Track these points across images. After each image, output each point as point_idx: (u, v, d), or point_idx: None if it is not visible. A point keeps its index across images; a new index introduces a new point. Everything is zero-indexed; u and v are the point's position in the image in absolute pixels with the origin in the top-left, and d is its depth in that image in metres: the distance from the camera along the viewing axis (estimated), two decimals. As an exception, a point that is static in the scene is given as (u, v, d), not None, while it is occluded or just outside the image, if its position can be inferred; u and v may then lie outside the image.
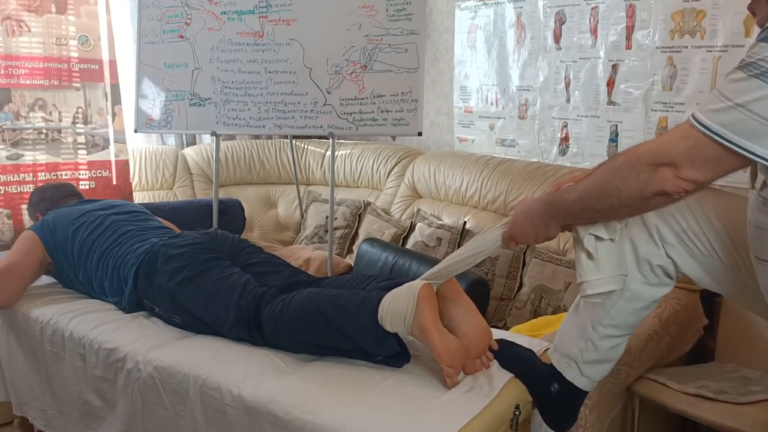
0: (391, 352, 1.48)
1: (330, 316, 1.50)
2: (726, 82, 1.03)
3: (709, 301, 2.26)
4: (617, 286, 1.32)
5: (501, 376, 1.46)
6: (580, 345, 1.41)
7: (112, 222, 2.07)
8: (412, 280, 1.51)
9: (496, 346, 1.50)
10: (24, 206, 2.82)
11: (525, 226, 1.36)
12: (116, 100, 3.12)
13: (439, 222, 2.98)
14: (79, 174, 3.03)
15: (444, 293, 1.49)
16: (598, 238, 1.30)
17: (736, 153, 1.02)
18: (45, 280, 2.18)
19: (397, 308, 1.43)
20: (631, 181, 1.15)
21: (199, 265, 1.75)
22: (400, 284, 1.51)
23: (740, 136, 1.01)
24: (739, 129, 1.01)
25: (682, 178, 1.09)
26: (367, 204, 3.36)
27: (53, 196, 2.31)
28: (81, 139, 3.04)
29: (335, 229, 3.29)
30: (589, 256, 1.32)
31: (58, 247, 2.05)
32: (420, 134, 2.61)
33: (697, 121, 1.05)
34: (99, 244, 2.00)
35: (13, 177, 2.86)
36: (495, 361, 1.51)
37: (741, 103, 1.00)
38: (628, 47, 2.63)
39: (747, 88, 0.99)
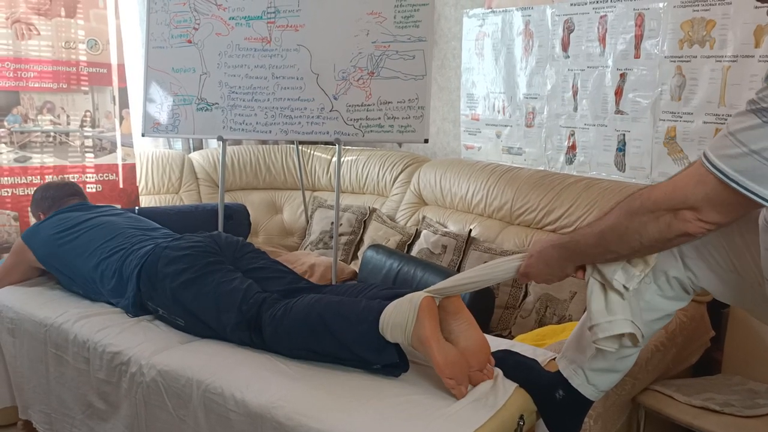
0: (389, 361, 1.47)
1: (331, 323, 1.49)
2: (737, 125, 1.01)
3: (717, 312, 2.25)
4: (630, 330, 1.28)
5: (506, 387, 1.45)
6: (588, 353, 1.40)
7: (113, 224, 2.08)
8: (416, 290, 1.50)
9: (493, 362, 1.49)
10: (31, 208, 2.83)
11: (540, 268, 1.36)
12: (124, 103, 3.14)
13: (445, 229, 2.97)
14: (86, 177, 3.05)
15: (446, 306, 1.48)
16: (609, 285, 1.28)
17: (753, 199, 1.00)
18: (49, 281, 2.19)
19: (398, 319, 1.43)
20: (651, 226, 1.13)
21: (200, 269, 1.75)
22: (403, 294, 1.50)
23: (756, 183, 0.99)
24: (755, 175, 0.99)
25: (704, 220, 1.07)
26: (373, 210, 3.35)
27: (56, 195, 2.32)
28: (88, 142, 3.05)
29: (340, 235, 3.28)
30: (600, 299, 1.30)
31: (51, 254, 2.07)
32: (426, 141, 2.61)
33: (713, 165, 1.03)
34: (99, 246, 2.00)
35: (21, 179, 2.88)
36: (500, 372, 1.50)
37: (757, 150, 0.98)
38: (637, 56, 2.62)
39: (761, 135, 0.97)
